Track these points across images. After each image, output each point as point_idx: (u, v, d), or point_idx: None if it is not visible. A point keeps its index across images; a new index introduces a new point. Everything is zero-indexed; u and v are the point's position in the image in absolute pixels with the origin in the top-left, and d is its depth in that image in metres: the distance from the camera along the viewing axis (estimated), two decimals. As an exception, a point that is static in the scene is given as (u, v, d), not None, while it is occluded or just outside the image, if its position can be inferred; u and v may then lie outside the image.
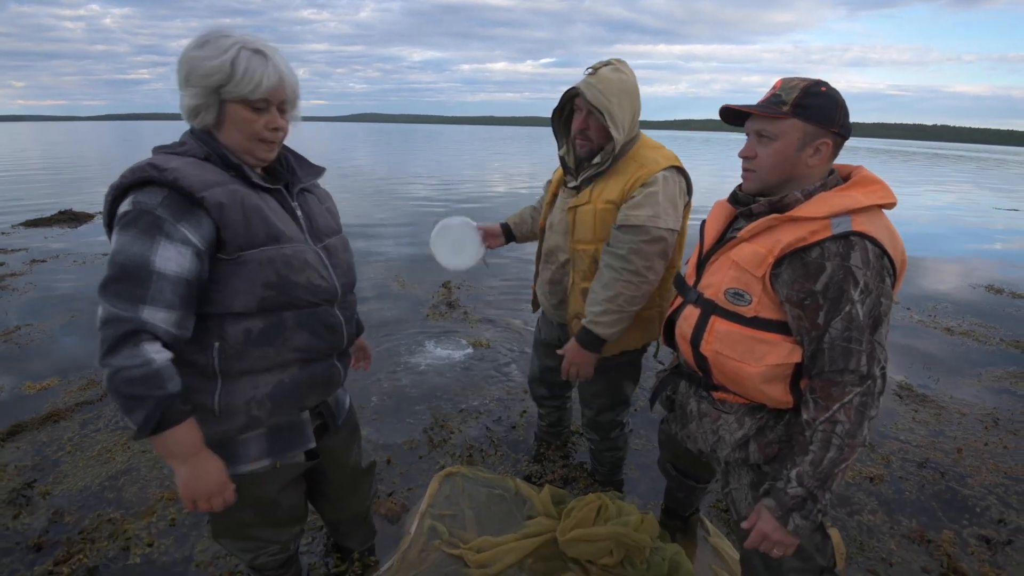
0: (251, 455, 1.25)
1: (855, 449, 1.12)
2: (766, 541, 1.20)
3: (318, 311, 1.22)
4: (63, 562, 1.82)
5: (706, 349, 1.27)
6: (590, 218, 1.65)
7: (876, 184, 1.16)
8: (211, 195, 1.04)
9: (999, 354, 3.81)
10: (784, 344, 1.17)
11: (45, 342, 3.62)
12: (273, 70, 1.10)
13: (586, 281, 1.72)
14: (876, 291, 1.09)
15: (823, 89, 1.15)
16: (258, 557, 1.44)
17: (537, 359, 2.23)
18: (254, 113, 1.11)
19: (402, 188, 12.82)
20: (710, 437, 1.37)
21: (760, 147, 1.19)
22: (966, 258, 6.92)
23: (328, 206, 1.37)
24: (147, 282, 1.00)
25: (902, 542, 2.02)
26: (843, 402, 1.10)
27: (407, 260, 6.01)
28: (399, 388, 3.09)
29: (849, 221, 1.10)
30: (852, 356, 1.09)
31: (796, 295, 1.12)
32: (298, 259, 1.15)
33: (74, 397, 2.89)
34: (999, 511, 2.20)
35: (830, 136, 1.15)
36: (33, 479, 2.24)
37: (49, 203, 8.92)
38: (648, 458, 2.48)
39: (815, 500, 1.13)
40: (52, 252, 5.97)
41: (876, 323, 1.10)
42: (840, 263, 1.08)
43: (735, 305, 1.21)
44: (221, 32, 1.09)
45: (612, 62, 1.62)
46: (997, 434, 2.77)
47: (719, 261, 1.28)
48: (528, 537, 1.85)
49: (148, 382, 0.99)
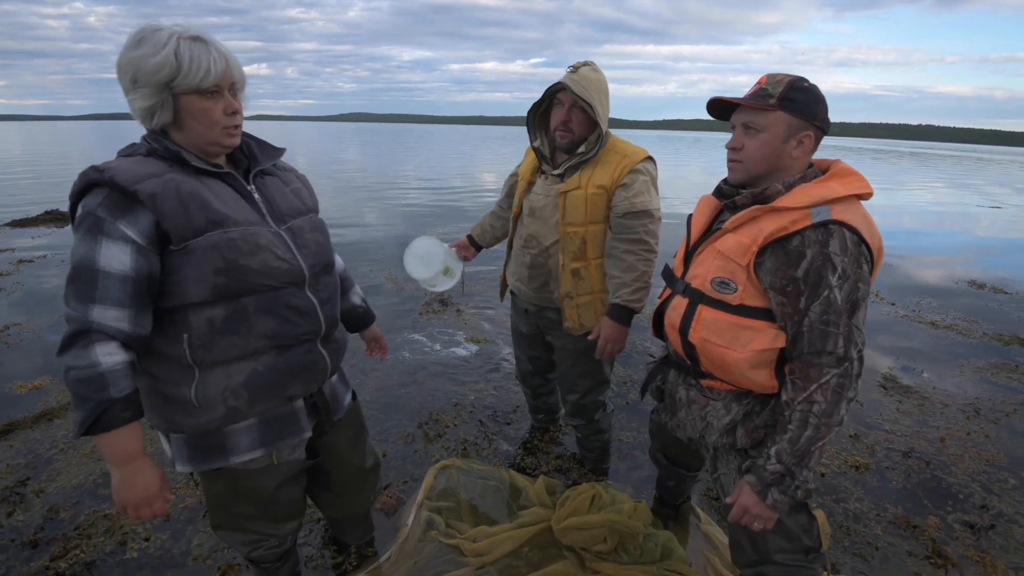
0: (243, 446, 1.25)
1: (831, 428, 1.16)
2: (747, 515, 1.25)
3: (281, 294, 1.19)
4: (60, 557, 1.82)
5: (694, 337, 1.31)
6: (581, 202, 1.75)
7: (853, 175, 1.21)
8: (143, 187, 1.04)
9: (981, 347, 3.89)
10: (768, 330, 1.22)
11: (35, 342, 3.59)
12: (217, 54, 1.09)
13: (576, 262, 1.81)
14: (854, 276, 1.13)
15: (806, 84, 1.20)
16: (255, 549, 1.45)
17: (524, 353, 2.29)
18: (210, 101, 1.10)
19: (392, 188, 12.80)
20: (699, 424, 1.41)
21: (747, 139, 1.23)
22: (950, 254, 7.05)
23: (295, 187, 1.34)
24: (94, 282, 1.02)
25: (888, 528, 2.07)
26: (820, 383, 1.15)
27: (399, 259, 6.01)
28: (393, 384, 3.11)
29: (828, 210, 1.14)
30: (829, 338, 1.14)
31: (779, 282, 1.17)
32: (247, 242, 1.13)
33: (66, 396, 2.87)
34: (982, 497, 2.26)
35: (812, 129, 1.20)
36: (27, 477, 2.23)
37: (35, 203, 8.81)
38: (639, 449, 2.52)
39: (792, 476, 1.18)
40: (39, 252, 5.90)
41: (854, 307, 1.14)
42: (819, 250, 1.13)
43: (721, 293, 1.25)
44: (153, 27, 1.07)
45: (589, 63, 1.75)
46: (979, 423, 2.84)
47: (705, 252, 1.32)
48: (523, 526, 1.88)
49: (90, 384, 1.01)
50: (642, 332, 3.96)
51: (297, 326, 1.23)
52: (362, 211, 9.18)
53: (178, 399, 1.15)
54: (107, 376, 1.02)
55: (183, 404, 1.16)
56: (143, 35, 1.06)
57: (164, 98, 1.08)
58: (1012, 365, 3.57)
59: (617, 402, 2.94)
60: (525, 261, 1.93)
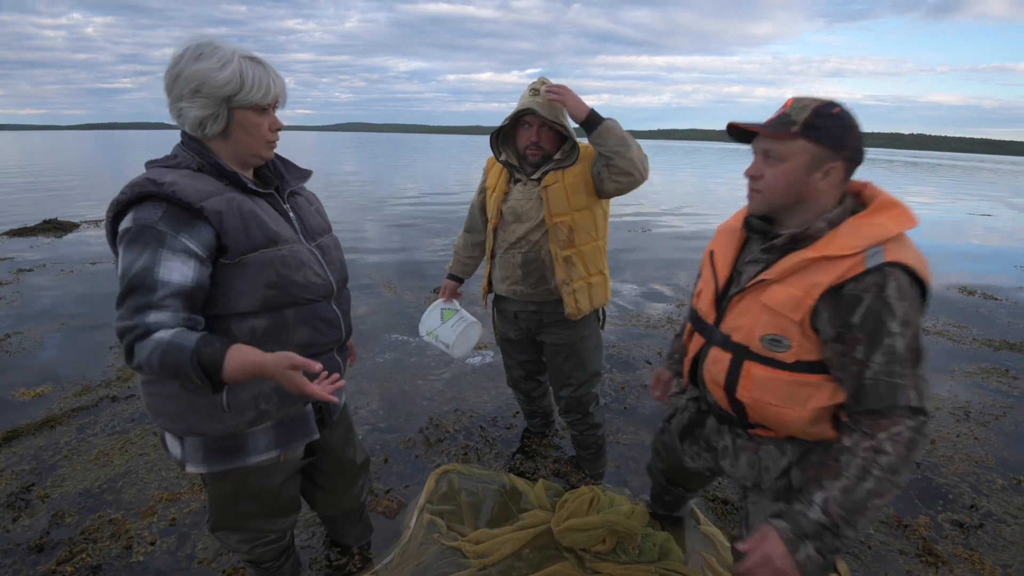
0: (260, 447, 1.30)
1: (894, 489, 1.02)
2: (767, 567, 1.04)
3: (316, 307, 1.28)
4: (66, 561, 1.85)
5: (743, 396, 1.20)
6: (562, 192, 1.86)
7: (898, 208, 1.11)
8: (209, 204, 1.09)
9: (971, 352, 3.96)
10: (828, 385, 1.12)
11: (36, 350, 3.61)
12: (275, 76, 1.19)
13: (566, 250, 1.90)
14: (915, 324, 1.04)
15: (835, 111, 1.09)
16: (255, 548, 1.48)
17: (514, 359, 2.33)
18: (261, 116, 1.19)
19: (391, 196, 12.86)
20: (749, 472, 1.28)
21: (767, 167, 1.14)
22: (941, 261, 7.14)
23: (316, 207, 1.43)
24: (152, 292, 1.05)
25: (880, 527, 2.12)
26: (892, 433, 1.03)
27: (398, 267, 6.06)
28: (395, 389, 3.14)
29: (882, 252, 1.05)
30: (899, 391, 1.03)
31: (835, 330, 1.08)
32: (295, 259, 1.21)
33: (69, 403, 2.89)
34: (971, 497, 2.31)
35: (841, 160, 1.09)
36: (31, 483, 2.26)
37: (33, 213, 8.82)
38: (638, 451, 2.56)
39: (836, 534, 1.01)
40: (38, 261, 5.92)
41: (919, 358, 1.04)
42: (877, 294, 1.03)
43: (773, 352, 1.14)
44: (211, 43, 1.13)
45: (547, 82, 1.86)
46: (968, 426, 2.89)
47: (746, 303, 1.20)
48: (524, 529, 1.92)
49: (170, 354, 1.01)
50: (637, 338, 4.02)
51: (326, 336, 1.31)
52: (361, 220, 9.24)
53: (205, 404, 1.19)
54: (176, 340, 1.02)
55: (210, 409, 1.19)
56: (202, 50, 1.12)
57: (220, 110, 1.14)
58: (1002, 370, 3.63)
59: (614, 407, 2.98)
60: (516, 261, 1.99)
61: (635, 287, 5.50)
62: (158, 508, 2.11)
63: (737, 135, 1.21)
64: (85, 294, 4.83)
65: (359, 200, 12.08)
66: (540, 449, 2.56)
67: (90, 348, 3.64)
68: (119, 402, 2.92)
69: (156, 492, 2.21)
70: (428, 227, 8.66)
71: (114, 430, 2.66)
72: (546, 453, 2.53)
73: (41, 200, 10.83)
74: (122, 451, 2.48)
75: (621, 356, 3.69)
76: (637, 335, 4.10)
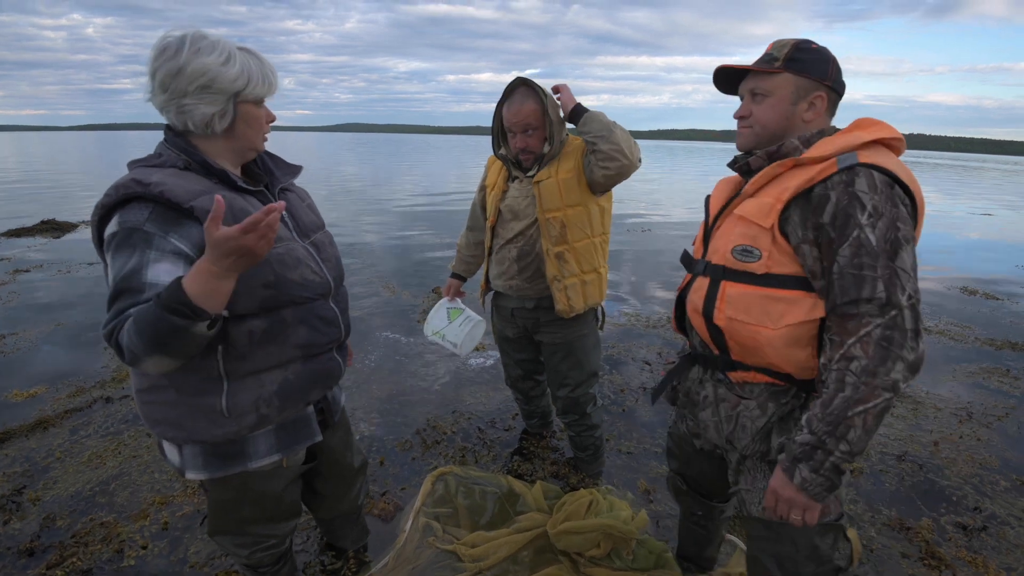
0: (261, 452, 1.27)
1: (876, 391, 0.97)
2: (780, 501, 1.08)
3: (314, 306, 1.25)
4: (56, 565, 1.82)
5: (719, 319, 1.16)
6: (555, 187, 1.86)
7: (878, 124, 1.11)
8: (199, 204, 1.05)
9: (973, 352, 3.93)
10: (803, 300, 1.07)
11: (30, 351, 3.58)
12: (268, 65, 1.16)
13: (558, 246, 1.90)
14: (889, 215, 0.99)
15: (813, 46, 1.13)
16: (254, 553, 1.46)
17: (511, 358, 2.33)
18: (260, 109, 1.18)
19: (389, 197, 12.84)
20: (726, 425, 1.24)
21: (755, 105, 1.17)
22: (942, 261, 7.12)
23: (308, 203, 1.40)
24: (140, 294, 1.01)
25: (883, 530, 2.09)
26: (859, 335, 0.98)
27: (396, 268, 6.04)
28: (392, 390, 3.12)
29: (855, 156, 1.03)
30: (865, 283, 0.98)
31: (810, 233, 1.05)
32: (291, 257, 1.18)
33: (63, 404, 2.87)
34: (975, 499, 2.28)
35: (824, 89, 1.13)
36: (23, 485, 2.23)
37: (30, 213, 8.80)
38: (640, 456, 2.53)
39: (825, 450, 1.00)
40: (35, 262, 5.90)
41: (894, 248, 0.99)
42: (844, 189, 1.01)
43: (744, 263, 1.12)
44: (204, 35, 1.08)
45: (522, 83, 1.86)
46: (971, 427, 2.87)
47: (725, 224, 1.21)
48: (521, 531, 1.89)
49: (142, 319, 0.95)
50: (636, 338, 3.99)
51: (325, 335, 1.28)
52: (359, 220, 9.21)
53: (205, 410, 1.15)
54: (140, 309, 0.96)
55: (210, 414, 1.16)
56: (199, 43, 1.06)
57: (228, 106, 1.11)
58: (1004, 369, 3.60)
59: (613, 409, 2.96)
60: (511, 255, 1.99)
61: (635, 287, 5.47)
62: (150, 511, 2.09)
63: (723, 85, 1.25)
64: (82, 295, 4.80)
65: (358, 200, 12.06)
66: (538, 451, 2.54)
67: (85, 349, 3.61)
68: (113, 403, 2.89)
69: (149, 495, 2.18)
70: (427, 227, 8.63)
71: (107, 431, 2.63)
72: (544, 455, 2.51)
73: (40, 200, 10.81)
74: (115, 453, 2.45)
75: (620, 357, 3.66)
76: (636, 335, 4.08)
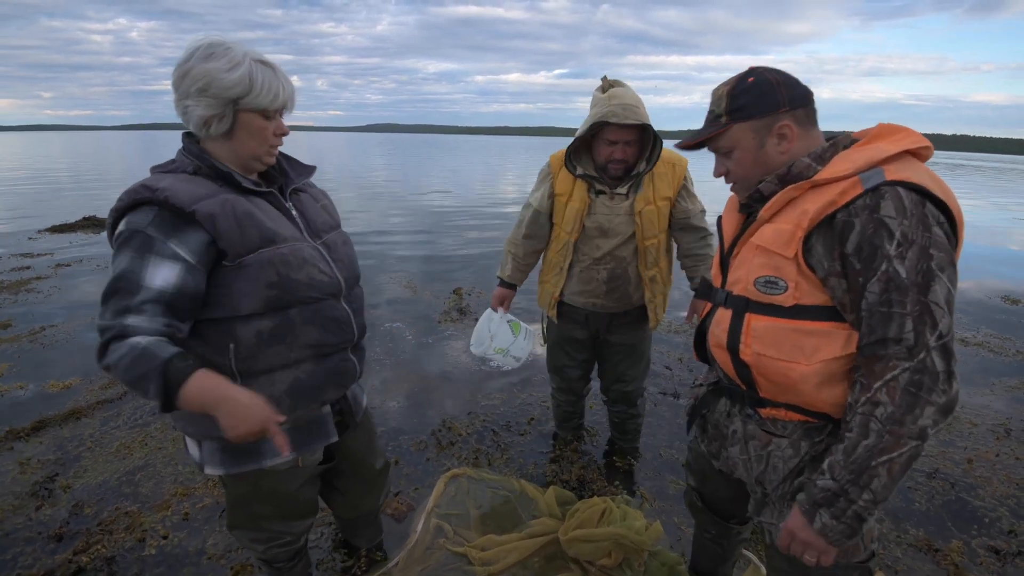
0: (275, 450, 1.28)
1: (901, 440, 0.91)
2: (795, 541, 1.05)
3: (323, 306, 1.26)
4: (82, 551, 1.89)
5: (746, 354, 1.08)
6: (655, 216, 1.93)
7: (902, 131, 1.01)
8: (201, 208, 1.08)
9: (1014, 365, 3.75)
10: (838, 333, 0.98)
11: (68, 343, 3.73)
12: (285, 82, 1.17)
13: (650, 269, 1.99)
14: (920, 242, 0.89)
15: (750, 80, 1.05)
16: (270, 548, 1.49)
17: (574, 360, 2.30)
18: (267, 121, 1.18)
19: (417, 196, 12.97)
20: (756, 465, 1.16)
21: (727, 162, 1.13)
22: (983, 269, 6.82)
23: (324, 203, 1.41)
24: (133, 295, 1.03)
25: (908, 551, 2.01)
26: (886, 379, 0.91)
27: (418, 267, 6.09)
28: (408, 391, 3.14)
29: (881, 172, 0.93)
30: (893, 321, 0.90)
31: (836, 265, 0.96)
32: (296, 257, 1.19)
33: (95, 395, 2.98)
34: (1010, 522, 2.17)
35: (785, 116, 1.03)
36: (55, 473, 2.32)
37: (74, 210, 9.19)
38: (654, 470, 2.49)
39: (848, 498, 0.95)
40: (76, 257, 6.15)
41: (927, 280, 0.89)
42: (869, 216, 0.91)
43: (770, 295, 1.03)
44: (223, 43, 1.12)
45: (614, 83, 1.82)
46: (1009, 445, 2.73)
47: (742, 252, 1.12)
48: (532, 537, 1.88)
49: (140, 360, 0.99)
50: (657, 343, 3.93)
51: (336, 335, 1.29)
52: (384, 219, 9.33)
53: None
54: (151, 347, 1.00)
55: None
56: (213, 50, 1.10)
57: (227, 112, 1.13)
58: (1047, 385, 3.43)
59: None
60: (601, 277, 2.00)
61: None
62: (172, 502, 2.15)
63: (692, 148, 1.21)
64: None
65: (384, 199, 12.21)
66: (553, 455, 2.52)
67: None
68: (142, 396, 3.00)
69: (171, 486, 2.25)
70: (451, 228, 8.69)
71: (136, 423, 2.72)
72: (559, 460, 2.49)
73: (82, 197, 11.28)
74: (142, 444, 2.54)
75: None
76: (657, 339, 4.02)
